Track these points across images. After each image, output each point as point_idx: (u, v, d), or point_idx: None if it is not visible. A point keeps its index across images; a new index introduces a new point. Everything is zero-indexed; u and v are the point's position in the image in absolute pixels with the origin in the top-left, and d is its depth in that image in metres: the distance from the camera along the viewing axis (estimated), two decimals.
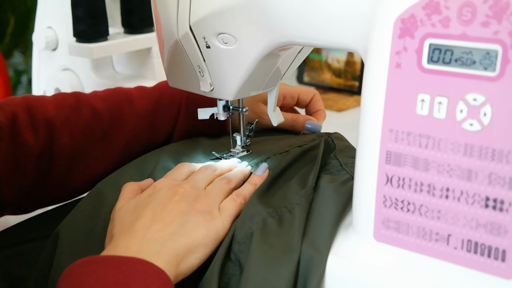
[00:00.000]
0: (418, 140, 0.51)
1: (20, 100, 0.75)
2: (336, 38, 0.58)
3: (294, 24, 0.60)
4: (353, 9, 0.56)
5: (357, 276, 0.55)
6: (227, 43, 0.65)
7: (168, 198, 0.61)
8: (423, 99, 0.50)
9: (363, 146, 0.55)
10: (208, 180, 0.66)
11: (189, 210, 0.60)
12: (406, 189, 0.53)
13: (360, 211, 0.56)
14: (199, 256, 0.57)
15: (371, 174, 0.54)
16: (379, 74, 0.52)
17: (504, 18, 0.46)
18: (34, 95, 0.79)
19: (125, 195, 0.64)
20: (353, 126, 0.69)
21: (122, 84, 1.03)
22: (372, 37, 0.53)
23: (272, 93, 0.75)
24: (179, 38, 0.68)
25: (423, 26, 0.49)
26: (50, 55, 1.12)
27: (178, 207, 0.60)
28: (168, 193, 0.61)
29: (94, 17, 1.01)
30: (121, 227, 0.59)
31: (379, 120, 0.53)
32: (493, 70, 0.47)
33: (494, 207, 0.49)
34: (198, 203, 0.61)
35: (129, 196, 0.64)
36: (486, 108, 0.48)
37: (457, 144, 0.50)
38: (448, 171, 0.50)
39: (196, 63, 0.69)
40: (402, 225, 0.54)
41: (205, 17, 0.64)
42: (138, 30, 1.06)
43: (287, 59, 0.71)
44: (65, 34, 1.08)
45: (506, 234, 0.49)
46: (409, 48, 0.50)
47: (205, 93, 0.71)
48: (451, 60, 0.49)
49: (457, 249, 0.51)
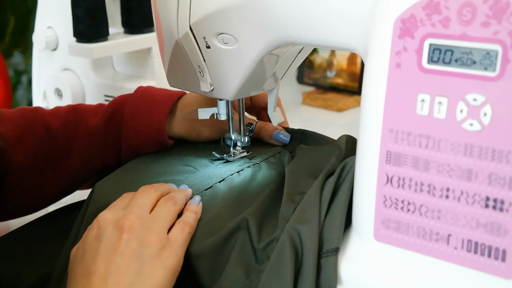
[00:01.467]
0: (418, 140, 0.51)
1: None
2: (336, 38, 0.58)
3: (294, 24, 0.60)
4: (353, 9, 0.56)
5: (357, 276, 0.55)
6: (227, 43, 0.65)
7: (116, 238, 0.56)
8: (423, 99, 0.50)
9: (363, 146, 0.55)
10: (152, 203, 0.62)
11: (141, 249, 0.56)
12: (406, 189, 0.53)
13: (360, 211, 0.56)
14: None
15: (371, 174, 0.54)
16: (379, 74, 0.52)
17: (504, 18, 0.46)
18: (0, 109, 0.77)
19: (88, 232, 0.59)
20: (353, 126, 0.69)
21: (122, 84, 1.03)
22: (372, 37, 0.53)
23: (272, 93, 0.75)
24: (179, 38, 0.68)
25: (423, 26, 0.49)
26: (50, 55, 1.12)
27: (129, 248, 0.55)
28: (114, 231, 0.57)
29: (94, 17, 1.01)
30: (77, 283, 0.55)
31: (379, 120, 0.53)
32: (493, 70, 0.47)
33: (494, 207, 0.49)
34: (149, 237, 0.57)
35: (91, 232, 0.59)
36: (486, 108, 0.48)
37: (457, 144, 0.50)
38: (448, 171, 0.50)
39: (196, 63, 0.69)
40: (402, 225, 0.54)
41: (205, 17, 0.64)
42: (138, 30, 1.06)
43: (287, 59, 0.71)
44: (65, 34, 1.08)
45: (506, 234, 0.49)
46: (409, 48, 0.50)
47: (205, 93, 0.71)
48: (451, 60, 0.49)
49: (457, 249, 0.51)
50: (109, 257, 0.55)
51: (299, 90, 1.45)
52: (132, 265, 0.55)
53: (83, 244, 0.58)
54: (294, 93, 1.44)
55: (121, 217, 0.58)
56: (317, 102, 1.38)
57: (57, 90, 1.09)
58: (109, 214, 0.59)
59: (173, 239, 0.58)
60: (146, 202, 0.61)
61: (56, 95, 1.09)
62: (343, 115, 1.33)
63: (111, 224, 0.57)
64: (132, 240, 0.56)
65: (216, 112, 0.75)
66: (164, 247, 0.57)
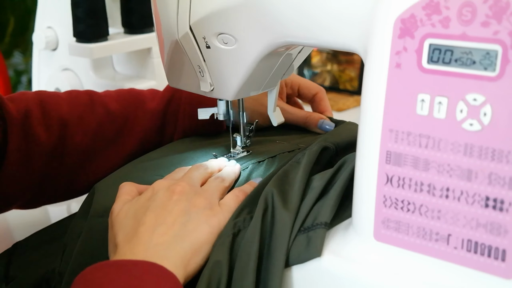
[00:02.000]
0: (418, 140, 0.51)
1: (33, 95, 0.75)
2: (336, 38, 0.58)
3: (294, 25, 0.60)
4: (353, 9, 0.56)
5: (357, 276, 0.55)
6: (227, 43, 0.65)
7: (167, 198, 0.60)
8: (423, 99, 0.50)
9: (363, 146, 0.55)
10: (202, 179, 0.66)
11: (189, 208, 0.59)
12: (406, 189, 0.53)
13: (360, 211, 0.56)
14: (205, 256, 0.57)
15: (371, 174, 0.54)
16: (379, 74, 0.52)
17: (504, 18, 0.46)
18: (47, 91, 0.79)
19: (122, 197, 0.63)
20: None
21: (122, 84, 1.03)
22: (372, 37, 0.53)
23: (272, 93, 0.75)
24: (179, 38, 0.68)
25: (423, 26, 0.49)
26: (50, 55, 1.12)
27: (178, 206, 0.59)
28: (166, 193, 0.61)
29: (94, 17, 1.01)
30: (124, 234, 0.58)
31: (379, 120, 0.53)
32: (493, 70, 0.47)
33: (494, 207, 0.49)
34: (197, 199, 0.61)
35: (126, 199, 0.63)
36: (486, 108, 0.48)
37: (457, 144, 0.50)
38: (448, 171, 0.50)
39: (196, 63, 0.69)
40: (402, 225, 0.54)
41: (205, 17, 0.64)
42: (138, 30, 1.06)
43: (287, 59, 0.71)
44: (65, 34, 1.08)
45: (506, 234, 0.49)
46: (409, 48, 0.50)
47: (205, 93, 0.71)
48: (451, 60, 0.49)
49: (457, 249, 0.51)
50: (159, 212, 0.58)
51: None
52: (179, 219, 0.58)
53: (135, 205, 0.61)
54: None
55: (174, 184, 0.62)
56: None
57: (57, 90, 1.09)
58: (164, 181, 0.64)
59: (223, 203, 0.62)
60: (198, 177, 0.66)
61: None
62: (343, 115, 1.33)
63: (164, 188, 0.62)
64: (182, 200, 0.60)
65: (216, 112, 0.76)
66: (212, 208, 0.60)
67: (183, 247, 0.56)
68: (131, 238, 0.57)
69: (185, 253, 0.56)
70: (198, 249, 0.57)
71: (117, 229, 0.59)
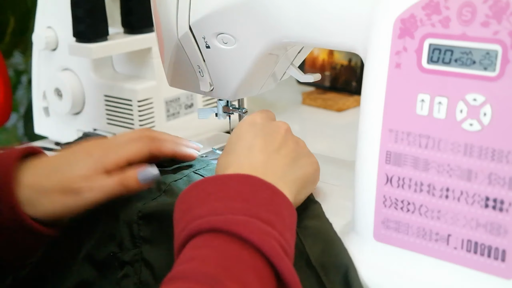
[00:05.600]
0: (418, 140, 0.51)
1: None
2: (335, 38, 0.58)
3: (293, 24, 0.60)
4: (353, 9, 0.56)
5: None
6: (227, 43, 0.65)
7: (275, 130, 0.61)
8: (423, 99, 0.50)
9: (363, 146, 0.55)
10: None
11: (296, 147, 0.61)
12: (406, 189, 0.53)
13: (360, 211, 0.56)
14: (308, 192, 0.61)
15: (371, 174, 0.54)
16: (379, 74, 0.52)
17: (504, 18, 0.46)
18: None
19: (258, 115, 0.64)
20: (353, 126, 0.69)
21: (122, 84, 1.03)
22: (372, 37, 0.53)
23: None
24: (179, 38, 0.68)
25: (423, 26, 0.49)
26: (50, 55, 1.12)
27: (292, 141, 0.61)
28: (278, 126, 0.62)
29: (94, 17, 1.00)
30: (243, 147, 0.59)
31: (379, 120, 0.53)
32: (493, 70, 0.47)
33: (494, 207, 0.49)
34: (299, 144, 0.62)
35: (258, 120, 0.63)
36: (486, 108, 0.48)
37: (457, 144, 0.50)
38: (448, 171, 0.50)
39: (196, 63, 0.69)
40: (402, 225, 0.54)
41: (204, 17, 0.64)
42: (138, 30, 1.05)
43: (287, 59, 0.71)
44: (65, 34, 1.08)
45: (506, 234, 0.49)
46: (409, 48, 0.50)
47: (205, 93, 0.71)
48: (451, 60, 0.49)
49: (457, 249, 0.51)
50: (267, 138, 0.60)
51: (299, 90, 1.44)
52: (290, 154, 0.60)
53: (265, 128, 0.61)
54: (294, 93, 1.43)
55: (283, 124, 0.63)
56: (317, 102, 1.38)
57: (57, 90, 1.09)
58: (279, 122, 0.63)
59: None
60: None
61: (56, 95, 1.09)
62: (343, 115, 1.32)
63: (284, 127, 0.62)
64: (290, 140, 0.61)
65: (216, 112, 0.76)
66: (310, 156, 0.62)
67: (297, 176, 0.58)
68: (249, 151, 0.58)
69: (298, 182, 0.58)
70: (306, 184, 0.60)
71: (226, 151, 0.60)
